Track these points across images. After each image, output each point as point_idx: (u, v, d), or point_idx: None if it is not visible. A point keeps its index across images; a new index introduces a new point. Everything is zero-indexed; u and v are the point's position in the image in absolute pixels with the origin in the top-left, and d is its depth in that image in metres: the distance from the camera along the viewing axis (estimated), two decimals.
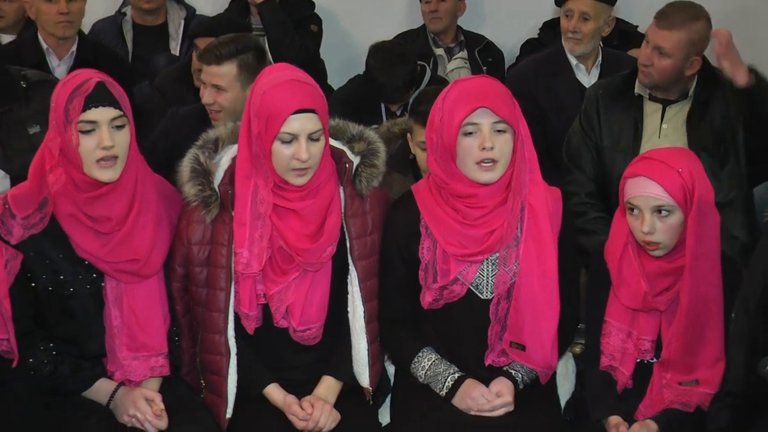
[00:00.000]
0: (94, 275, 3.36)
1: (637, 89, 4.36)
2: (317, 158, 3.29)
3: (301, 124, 3.23)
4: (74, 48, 5.43)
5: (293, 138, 3.24)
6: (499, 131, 3.27)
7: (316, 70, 5.69)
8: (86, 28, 6.07)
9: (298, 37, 6.00)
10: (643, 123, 4.33)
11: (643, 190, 3.25)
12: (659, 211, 3.25)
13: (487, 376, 3.42)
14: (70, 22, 5.35)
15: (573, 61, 5.33)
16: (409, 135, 4.24)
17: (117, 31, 6.09)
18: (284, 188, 3.31)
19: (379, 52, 5.28)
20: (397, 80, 5.22)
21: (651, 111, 4.35)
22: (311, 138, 3.25)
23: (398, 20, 6.61)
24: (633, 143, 4.32)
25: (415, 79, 5.28)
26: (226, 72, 4.27)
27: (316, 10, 6.35)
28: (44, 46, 5.35)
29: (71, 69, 5.22)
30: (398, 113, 5.26)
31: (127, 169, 3.29)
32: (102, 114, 3.22)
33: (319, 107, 3.27)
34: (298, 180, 3.29)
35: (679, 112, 4.31)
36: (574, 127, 4.49)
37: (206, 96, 4.31)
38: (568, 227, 3.45)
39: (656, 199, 3.24)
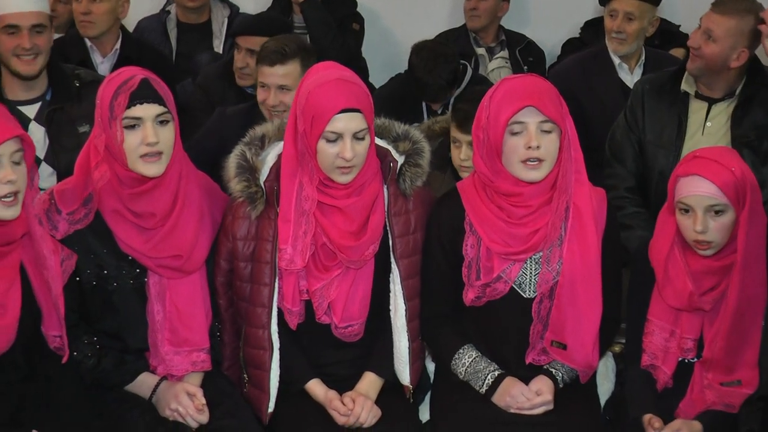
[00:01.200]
0: (137, 270, 3.38)
1: (684, 86, 4.35)
2: (362, 157, 3.29)
3: (346, 123, 3.24)
4: (117, 45, 5.45)
5: (338, 137, 3.25)
6: (545, 131, 3.27)
7: (358, 69, 5.68)
8: (131, 26, 6.11)
9: (340, 36, 6.01)
10: (688, 120, 4.32)
11: (697, 190, 3.23)
12: (712, 211, 3.23)
13: (527, 375, 3.42)
14: (91, 22, 5.36)
15: (616, 60, 5.32)
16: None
17: (161, 28, 6.09)
18: (329, 186, 3.32)
19: (422, 51, 5.27)
20: (440, 79, 5.21)
21: (696, 108, 4.33)
22: (356, 137, 3.26)
23: (440, 19, 6.59)
24: (676, 140, 4.31)
25: (458, 77, 5.27)
26: (291, 71, 4.25)
27: (358, 9, 6.35)
28: (88, 43, 5.38)
29: (114, 66, 5.26)
30: (439, 112, 5.25)
31: (171, 166, 3.30)
32: (146, 110, 3.23)
33: (364, 107, 3.27)
34: (343, 178, 3.30)
35: (723, 111, 4.29)
36: (619, 121, 4.50)
37: (271, 98, 4.28)
38: (613, 228, 3.44)
39: (710, 198, 3.22)
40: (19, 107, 4.17)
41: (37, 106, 4.20)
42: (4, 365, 3.04)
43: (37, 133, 4.16)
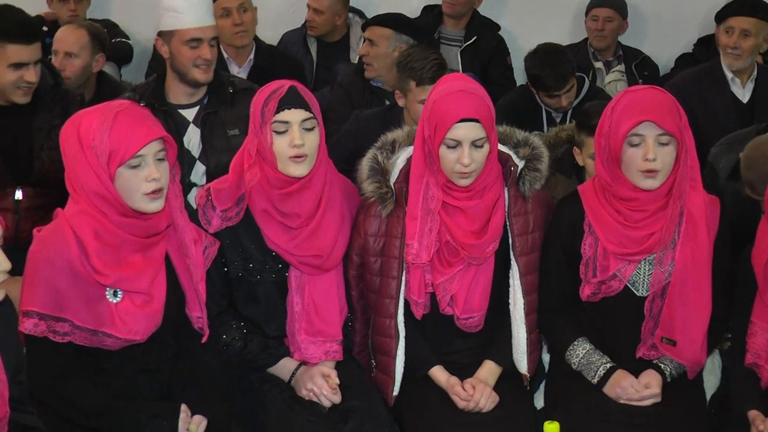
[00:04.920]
0: (280, 266, 3.42)
1: None
2: (480, 163, 3.29)
3: (465, 132, 3.24)
4: (251, 56, 5.53)
5: (457, 144, 3.25)
6: (662, 143, 3.23)
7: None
8: (275, 40, 6.18)
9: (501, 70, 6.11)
10: None
11: None
12: None
13: (636, 368, 3.39)
14: (245, 31, 5.46)
15: (729, 75, 5.22)
16: (576, 148, 4.14)
17: (303, 41, 6.14)
18: (453, 188, 3.33)
19: (535, 54, 5.19)
20: (555, 69, 5.06)
21: None
22: (474, 145, 3.26)
23: (562, 34, 6.51)
24: None
25: (574, 69, 5.17)
26: None
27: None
28: (225, 55, 5.45)
29: (249, 74, 5.35)
30: (558, 120, 5.20)
31: (316, 169, 3.34)
32: (294, 115, 3.28)
33: (483, 117, 3.26)
34: (462, 181, 3.31)
35: None
36: None
37: None
38: (725, 234, 3.38)
39: None
40: (180, 110, 4.25)
41: (195, 109, 4.26)
42: (155, 345, 3.10)
43: (194, 135, 4.23)
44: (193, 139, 4.23)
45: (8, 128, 3.94)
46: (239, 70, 5.48)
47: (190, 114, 4.26)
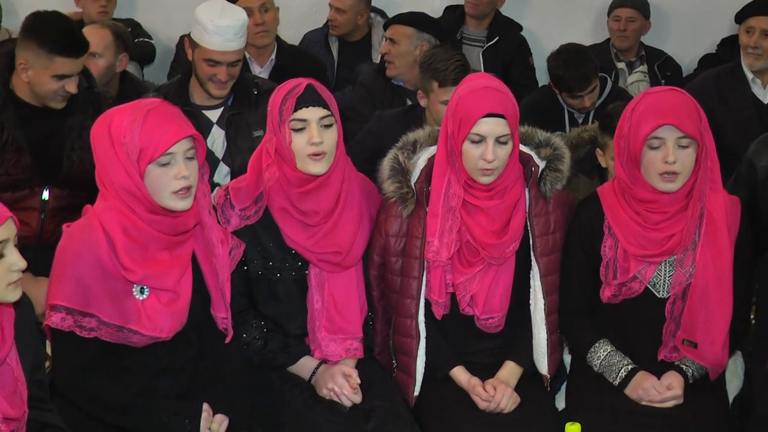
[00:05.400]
0: (299, 264, 3.42)
1: None
2: (503, 160, 3.28)
3: (490, 127, 3.24)
4: (273, 56, 5.53)
5: (482, 139, 3.25)
6: (682, 146, 3.21)
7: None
8: (297, 39, 6.19)
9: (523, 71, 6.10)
10: None
11: None
12: None
13: (658, 370, 3.37)
14: (266, 30, 5.45)
15: (749, 75, 5.19)
16: (599, 150, 4.13)
17: (324, 41, 6.15)
18: (474, 186, 3.33)
19: (559, 53, 5.18)
20: (578, 69, 5.04)
21: None
22: (499, 141, 3.25)
23: (583, 34, 6.48)
24: None
25: (597, 70, 5.16)
26: None
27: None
28: (247, 56, 5.44)
29: (271, 74, 5.35)
30: (580, 122, 5.19)
31: (334, 167, 3.34)
32: (312, 113, 3.28)
33: (508, 113, 3.26)
34: (484, 179, 3.30)
35: None
36: None
37: None
38: (745, 235, 3.36)
39: None
40: (204, 111, 4.28)
41: (219, 111, 4.29)
42: (179, 343, 3.11)
43: (218, 136, 4.26)
44: (216, 140, 4.25)
45: (40, 129, 3.96)
46: (261, 70, 5.48)
47: (213, 115, 4.29)
